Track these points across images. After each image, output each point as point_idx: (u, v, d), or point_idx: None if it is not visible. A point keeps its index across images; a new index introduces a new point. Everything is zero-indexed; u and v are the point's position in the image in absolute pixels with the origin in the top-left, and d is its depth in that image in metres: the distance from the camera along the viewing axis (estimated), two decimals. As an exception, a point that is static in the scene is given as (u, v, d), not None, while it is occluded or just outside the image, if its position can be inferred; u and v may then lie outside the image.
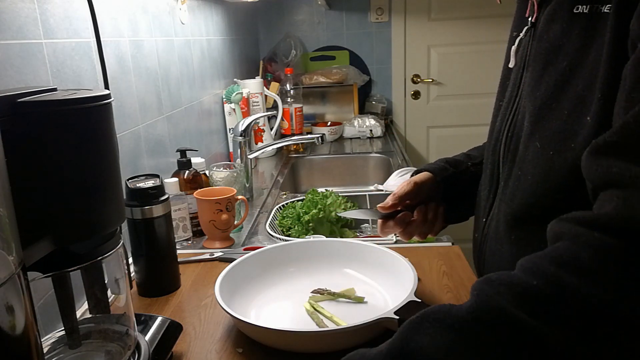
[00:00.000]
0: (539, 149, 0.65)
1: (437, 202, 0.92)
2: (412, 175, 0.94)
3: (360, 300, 0.90)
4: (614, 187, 0.48)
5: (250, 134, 1.95)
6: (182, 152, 1.28)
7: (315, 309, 0.87)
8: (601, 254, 0.45)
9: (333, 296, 0.91)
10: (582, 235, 0.47)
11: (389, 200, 0.88)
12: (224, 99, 1.90)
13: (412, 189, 0.89)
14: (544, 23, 0.68)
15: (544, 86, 0.65)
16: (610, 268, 0.45)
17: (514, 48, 0.75)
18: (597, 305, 0.44)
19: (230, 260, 0.96)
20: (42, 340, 0.65)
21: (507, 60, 0.78)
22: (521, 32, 0.74)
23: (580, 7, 0.61)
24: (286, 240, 1.19)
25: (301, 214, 1.35)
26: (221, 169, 1.39)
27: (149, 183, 0.95)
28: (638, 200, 0.45)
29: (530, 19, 0.72)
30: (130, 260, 0.99)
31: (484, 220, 0.81)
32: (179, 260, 1.03)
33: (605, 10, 0.57)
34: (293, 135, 2.30)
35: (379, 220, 0.89)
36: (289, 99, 2.32)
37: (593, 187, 0.52)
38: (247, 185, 1.56)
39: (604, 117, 0.55)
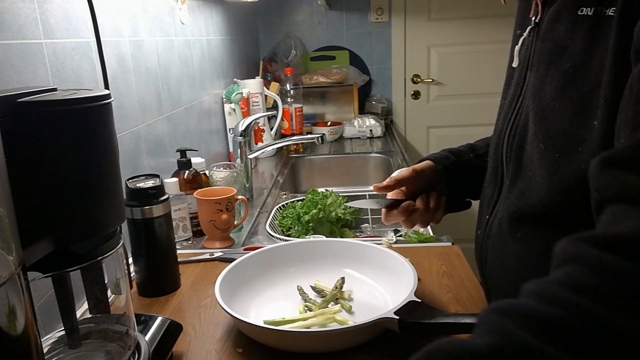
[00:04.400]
0: (542, 150, 0.65)
1: (440, 191, 0.93)
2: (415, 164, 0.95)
3: (347, 310, 0.88)
4: (627, 202, 0.46)
5: (250, 134, 1.95)
6: (182, 152, 1.28)
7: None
8: (620, 278, 0.42)
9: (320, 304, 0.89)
10: (597, 259, 0.43)
11: (384, 182, 0.89)
12: (224, 99, 1.90)
13: (410, 175, 0.90)
14: (548, 23, 0.68)
15: (548, 87, 0.65)
16: (632, 293, 0.41)
17: (517, 47, 0.76)
18: (625, 333, 0.40)
19: (230, 260, 0.96)
20: (42, 340, 0.65)
21: (511, 60, 0.78)
22: (524, 31, 0.74)
23: (584, 9, 0.61)
24: (286, 240, 1.19)
25: (301, 214, 1.35)
26: (221, 169, 1.39)
27: (149, 183, 0.95)
28: None
29: (534, 19, 0.72)
30: (130, 260, 0.99)
31: (487, 217, 0.81)
32: (179, 260, 1.03)
33: (609, 14, 0.57)
34: (293, 135, 2.30)
35: (383, 209, 0.90)
36: (289, 99, 2.32)
37: (602, 198, 0.50)
38: (247, 185, 1.56)
39: (610, 123, 0.55)
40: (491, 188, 0.81)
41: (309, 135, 1.99)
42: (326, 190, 1.45)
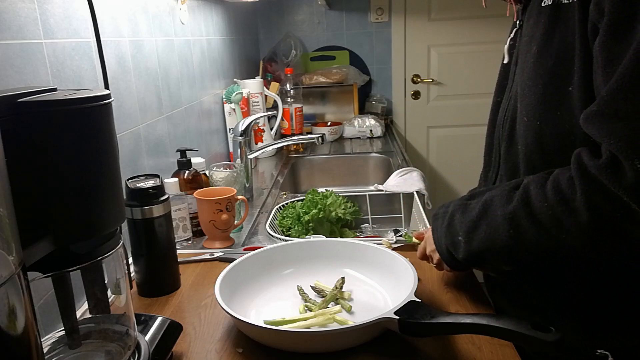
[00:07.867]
0: (527, 122, 0.76)
1: None
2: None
3: (347, 309, 0.89)
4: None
5: (250, 134, 1.95)
6: (182, 152, 1.28)
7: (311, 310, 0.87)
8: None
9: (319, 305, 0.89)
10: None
11: None
12: (224, 99, 1.90)
13: None
14: (525, 22, 0.81)
15: (526, 71, 0.77)
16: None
17: (506, 47, 0.88)
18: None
19: (230, 260, 0.96)
20: (42, 340, 0.65)
21: (503, 58, 0.89)
22: (511, 33, 0.88)
23: (545, 1, 0.75)
24: (286, 240, 1.19)
25: (301, 214, 1.35)
26: (221, 169, 1.39)
27: (149, 183, 0.95)
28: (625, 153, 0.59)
29: (517, 22, 0.85)
30: (130, 260, 0.99)
31: None
32: (179, 260, 1.03)
33: (565, 1, 0.70)
34: (293, 135, 2.30)
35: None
36: (289, 99, 2.32)
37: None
38: (247, 185, 1.56)
39: (586, 86, 0.67)
40: (488, 173, 0.91)
41: (309, 135, 1.99)
42: (326, 190, 1.45)
